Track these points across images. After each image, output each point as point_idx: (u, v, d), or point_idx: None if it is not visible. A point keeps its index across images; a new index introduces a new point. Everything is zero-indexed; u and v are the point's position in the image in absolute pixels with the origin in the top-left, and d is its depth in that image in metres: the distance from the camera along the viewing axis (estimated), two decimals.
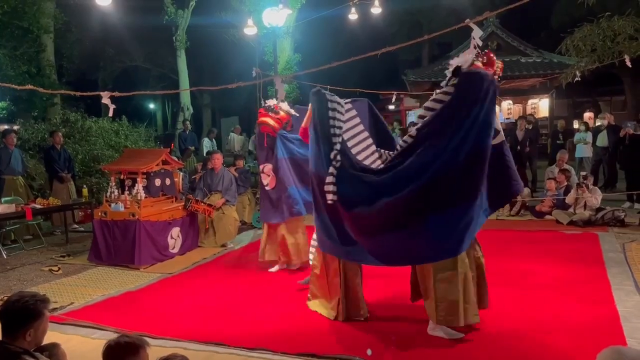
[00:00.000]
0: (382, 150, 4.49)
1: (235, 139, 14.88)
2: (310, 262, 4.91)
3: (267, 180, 6.13)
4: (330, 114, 4.20)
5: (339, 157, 4.03)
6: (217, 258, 6.99)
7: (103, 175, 10.46)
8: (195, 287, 5.57)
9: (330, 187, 3.98)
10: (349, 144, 4.28)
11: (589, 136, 12.02)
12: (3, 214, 7.07)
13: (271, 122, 6.02)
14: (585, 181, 8.47)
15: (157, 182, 6.99)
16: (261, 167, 6.21)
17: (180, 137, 14.30)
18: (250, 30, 11.54)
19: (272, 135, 6.08)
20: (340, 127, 4.20)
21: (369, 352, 3.69)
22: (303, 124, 4.96)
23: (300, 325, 4.29)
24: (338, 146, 4.09)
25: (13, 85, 5.28)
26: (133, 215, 6.54)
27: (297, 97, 16.16)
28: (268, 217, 6.25)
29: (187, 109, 18.01)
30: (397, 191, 3.61)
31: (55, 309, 4.70)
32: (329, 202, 3.99)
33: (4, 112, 17.30)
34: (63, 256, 7.14)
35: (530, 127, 12.01)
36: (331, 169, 4.00)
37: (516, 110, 18.51)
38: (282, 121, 6.06)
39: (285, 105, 6.14)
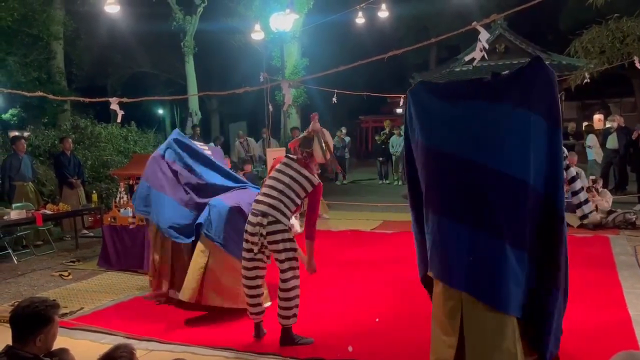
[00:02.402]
0: None
1: (252, 144, 14.85)
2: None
3: None
4: None
5: None
6: None
7: (112, 180, 10.51)
8: None
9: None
10: None
11: (589, 139, 11.87)
12: (14, 220, 7.13)
13: None
14: (594, 185, 8.41)
15: None
16: None
17: None
18: (257, 35, 11.59)
19: None
20: None
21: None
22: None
23: (308, 330, 4.27)
24: None
25: (23, 92, 5.35)
26: (142, 220, 6.56)
27: (304, 101, 16.19)
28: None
29: (196, 114, 18.08)
30: None
31: (65, 314, 4.73)
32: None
33: (14, 118, 17.46)
34: (73, 261, 7.18)
35: None
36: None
37: None
38: None
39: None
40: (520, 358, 2.85)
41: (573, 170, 2.99)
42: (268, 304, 4.55)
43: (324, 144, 4.07)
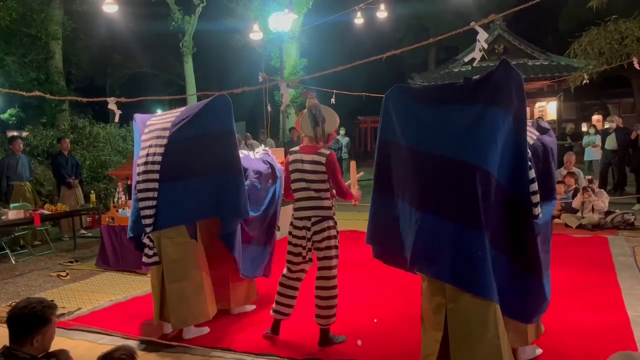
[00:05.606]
0: None
1: (255, 145, 14.80)
2: None
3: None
4: None
5: None
6: None
7: (110, 181, 10.51)
8: None
9: None
10: None
11: (597, 139, 11.96)
12: (12, 220, 7.10)
13: None
14: (590, 185, 8.41)
15: None
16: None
17: None
18: (256, 35, 11.58)
19: None
20: None
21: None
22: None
23: (308, 330, 4.26)
24: None
25: (21, 92, 5.32)
26: None
27: (303, 101, 16.19)
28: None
29: None
30: None
31: (62, 315, 4.72)
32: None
33: (13, 118, 17.47)
34: (71, 262, 7.16)
35: None
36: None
37: None
38: None
39: None
40: (505, 347, 2.93)
41: (532, 172, 3.10)
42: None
43: (318, 118, 4.00)
